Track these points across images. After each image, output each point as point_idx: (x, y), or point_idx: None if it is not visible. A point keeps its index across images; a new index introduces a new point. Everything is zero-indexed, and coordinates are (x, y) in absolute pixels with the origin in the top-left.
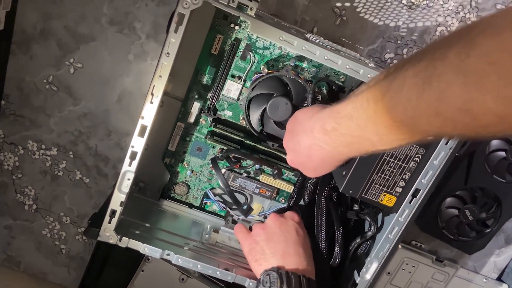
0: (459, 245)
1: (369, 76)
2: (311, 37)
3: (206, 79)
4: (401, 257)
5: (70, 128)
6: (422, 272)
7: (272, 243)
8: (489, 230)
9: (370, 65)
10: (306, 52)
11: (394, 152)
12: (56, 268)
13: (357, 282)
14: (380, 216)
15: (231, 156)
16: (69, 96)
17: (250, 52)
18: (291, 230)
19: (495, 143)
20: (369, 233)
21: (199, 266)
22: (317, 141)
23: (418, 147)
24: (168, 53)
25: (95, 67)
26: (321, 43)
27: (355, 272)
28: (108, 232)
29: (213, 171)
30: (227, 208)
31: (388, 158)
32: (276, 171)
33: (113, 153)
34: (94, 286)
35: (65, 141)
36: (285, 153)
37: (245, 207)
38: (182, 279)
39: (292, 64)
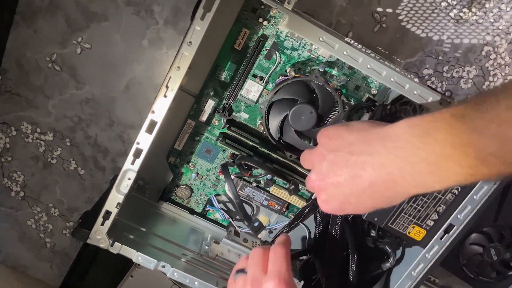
0: (478, 285)
1: (415, 92)
2: (351, 42)
3: (225, 75)
4: None
5: (70, 113)
6: None
7: None
8: None
9: (415, 80)
10: (347, 58)
11: None
12: (38, 262)
13: None
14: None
15: (242, 163)
16: (73, 78)
17: (276, 52)
18: None
19: None
20: (387, 265)
21: (196, 283)
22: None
23: None
24: (190, 42)
25: (104, 49)
26: (363, 50)
27: None
28: (99, 235)
29: (220, 177)
30: (230, 219)
31: None
32: (293, 186)
33: (114, 145)
34: (77, 286)
35: (63, 127)
36: (301, 165)
37: (256, 224)
38: None
39: (321, 70)
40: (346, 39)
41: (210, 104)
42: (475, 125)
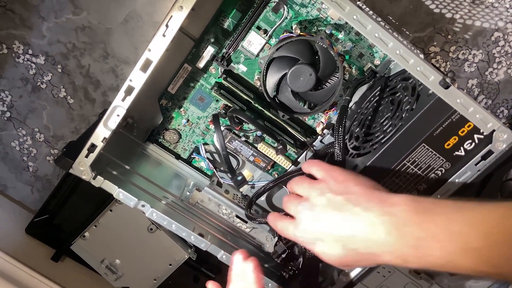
0: None
1: (418, 69)
2: (363, 6)
3: (228, 23)
4: None
5: (64, 39)
6: (396, 279)
7: None
8: None
9: (420, 55)
10: (356, 23)
11: (416, 159)
12: (19, 184)
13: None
14: None
15: (234, 116)
16: (70, 2)
17: (285, 6)
18: None
19: None
20: None
21: (173, 225)
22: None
23: (444, 160)
24: None
25: None
26: (374, 17)
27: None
28: (82, 167)
29: (211, 126)
30: (215, 169)
31: (408, 164)
32: (281, 146)
33: (106, 78)
34: (55, 213)
35: (56, 52)
36: (293, 127)
37: (239, 177)
38: (151, 229)
39: (327, 32)
40: (358, 2)
41: (210, 51)
42: (470, 220)
